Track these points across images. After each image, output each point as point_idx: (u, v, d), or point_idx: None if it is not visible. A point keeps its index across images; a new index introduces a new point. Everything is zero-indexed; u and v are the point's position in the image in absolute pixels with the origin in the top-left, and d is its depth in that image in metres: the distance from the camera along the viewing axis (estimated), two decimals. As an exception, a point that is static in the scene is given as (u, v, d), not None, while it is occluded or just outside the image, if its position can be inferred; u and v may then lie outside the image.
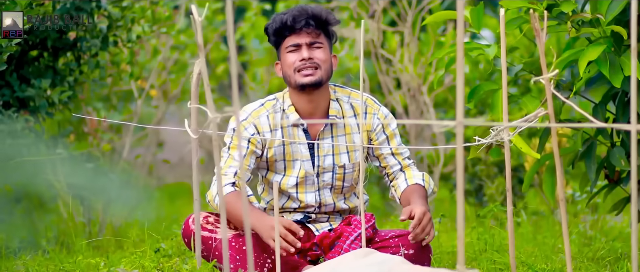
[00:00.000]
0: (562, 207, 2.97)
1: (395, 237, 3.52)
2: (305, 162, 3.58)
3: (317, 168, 3.59)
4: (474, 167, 5.77)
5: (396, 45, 5.72)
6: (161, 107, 6.42)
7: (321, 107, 3.60)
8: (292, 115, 3.57)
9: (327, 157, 3.60)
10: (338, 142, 3.59)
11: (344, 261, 3.12)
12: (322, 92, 3.58)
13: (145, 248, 3.79)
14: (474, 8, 3.59)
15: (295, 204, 3.62)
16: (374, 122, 3.62)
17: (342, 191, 3.65)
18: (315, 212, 3.64)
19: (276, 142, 3.57)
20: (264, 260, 3.45)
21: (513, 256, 3.23)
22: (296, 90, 3.56)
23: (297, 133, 3.59)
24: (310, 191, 3.61)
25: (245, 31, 6.58)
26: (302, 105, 3.58)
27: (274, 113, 3.60)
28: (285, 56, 3.54)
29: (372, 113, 3.63)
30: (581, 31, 3.55)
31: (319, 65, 3.51)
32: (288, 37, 3.53)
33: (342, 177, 3.62)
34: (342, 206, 3.66)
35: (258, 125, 3.58)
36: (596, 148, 3.76)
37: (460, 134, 2.38)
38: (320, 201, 3.62)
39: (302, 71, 3.51)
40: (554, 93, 2.89)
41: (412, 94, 5.57)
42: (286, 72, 3.55)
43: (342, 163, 3.60)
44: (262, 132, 3.57)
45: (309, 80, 3.50)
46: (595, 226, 4.74)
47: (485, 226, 4.36)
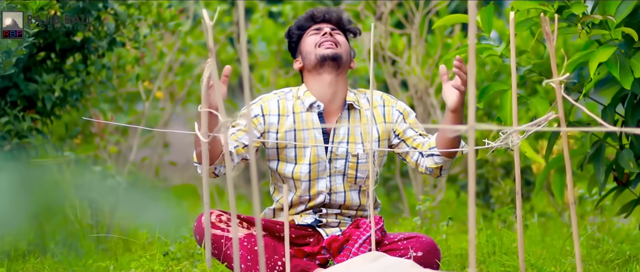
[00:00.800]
0: (572, 210, 2.96)
1: (404, 239, 3.51)
2: (318, 147, 3.57)
3: (330, 154, 3.58)
4: (481, 168, 5.76)
5: (403, 47, 5.71)
6: (167, 109, 6.43)
7: (339, 95, 3.61)
8: (307, 98, 3.58)
9: (342, 145, 3.58)
10: (354, 132, 3.59)
11: (354, 264, 3.12)
12: (341, 76, 3.61)
13: (154, 251, 3.78)
14: (484, 10, 3.59)
15: (306, 196, 3.58)
16: (394, 114, 3.64)
17: (356, 182, 3.63)
18: (325, 202, 3.59)
19: (286, 127, 3.56)
20: (274, 262, 3.44)
21: (522, 258, 3.23)
22: (316, 68, 3.59)
23: (311, 118, 3.58)
24: (323, 177, 3.59)
25: (252, 33, 6.57)
26: (321, 90, 3.59)
27: (286, 100, 3.61)
28: (307, 39, 3.64)
29: (391, 106, 3.66)
30: (591, 33, 3.54)
31: (340, 44, 3.61)
32: (310, 27, 3.66)
33: (355, 167, 3.60)
34: (354, 198, 3.63)
35: (265, 108, 3.59)
36: (605, 150, 3.75)
37: (472, 138, 2.38)
38: (331, 187, 3.60)
39: (323, 45, 3.59)
40: (564, 96, 2.88)
41: (419, 96, 5.57)
42: (306, 50, 3.61)
43: (356, 152, 3.60)
44: (268, 115, 3.57)
45: (330, 52, 3.56)
46: (602, 228, 4.73)
47: (494, 227, 4.36)
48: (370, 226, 3.49)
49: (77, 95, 4.47)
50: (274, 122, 3.57)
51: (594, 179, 3.90)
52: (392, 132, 3.63)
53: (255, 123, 3.56)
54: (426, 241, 3.50)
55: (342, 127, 3.59)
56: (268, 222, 3.56)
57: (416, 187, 5.54)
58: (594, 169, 3.77)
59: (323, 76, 3.58)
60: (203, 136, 3.25)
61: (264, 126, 3.56)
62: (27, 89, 4.32)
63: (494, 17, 6.06)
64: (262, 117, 3.57)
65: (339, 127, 3.58)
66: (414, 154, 3.59)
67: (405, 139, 3.61)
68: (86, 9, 4.42)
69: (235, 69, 6.88)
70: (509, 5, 3.78)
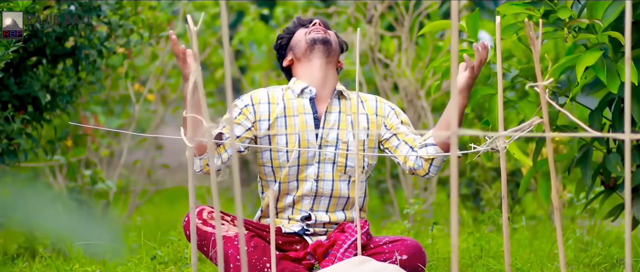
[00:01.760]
0: (557, 215, 2.96)
1: (389, 242, 3.51)
2: (308, 132, 3.58)
3: (320, 140, 3.59)
4: (471, 171, 5.77)
5: (394, 50, 5.72)
6: (159, 112, 6.43)
7: (330, 82, 3.65)
8: (298, 85, 3.63)
9: (332, 131, 3.59)
10: (345, 119, 3.60)
11: (340, 268, 3.12)
12: (330, 65, 3.66)
13: (141, 255, 3.78)
14: (470, 16, 3.59)
15: (294, 182, 3.57)
16: (386, 108, 3.68)
17: (345, 171, 3.62)
18: (313, 193, 3.59)
19: (277, 112, 3.57)
20: (263, 264, 3.43)
21: (508, 263, 3.24)
22: (307, 55, 3.65)
23: (302, 103, 3.60)
24: (311, 163, 3.58)
25: (243, 36, 6.58)
26: (312, 75, 3.63)
27: (275, 91, 3.66)
28: (296, 34, 3.70)
29: (383, 102, 3.71)
30: (578, 37, 3.55)
31: (330, 34, 3.68)
32: (300, 29, 3.72)
33: (345, 155, 3.61)
34: (343, 189, 3.62)
35: (255, 98, 3.62)
36: (592, 154, 3.76)
37: (455, 144, 2.38)
38: (319, 173, 3.60)
39: (312, 32, 3.67)
40: (549, 101, 2.89)
41: (409, 98, 5.57)
42: (297, 40, 3.68)
43: (346, 139, 3.60)
44: (258, 103, 3.59)
45: (320, 36, 3.64)
46: (592, 231, 4.74)
47: (482, 231, 4.36)
48: (355, 230, 3.49)
49: (68, 98, 4.47)
50: (265, 110, 3.59)
51: (581, 182, 3.91)
52: (383, 126, 3.64)
53: (246, 113, 3.57)
54: (411, 244, 3.50)
55: (332, 114, 3.60)
56: (255, 227, 3.57)
57: (407, 190, 5.55)
58: (581, 173, 3.78)
59: (313, 62, 3.63)
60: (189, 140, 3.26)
61: (255, 115, 3.58)
62: (19, 89, 4.31)
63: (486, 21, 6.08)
64: (252, 107, 3.59)
65: (329, 113, 3.59)
66: (403, 148, 3.60)
67: (398, 133, 3.62)
68: (79, 15, 4.42)
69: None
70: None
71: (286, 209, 3.62)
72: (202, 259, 3.93)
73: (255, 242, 3.45)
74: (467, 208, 5.77)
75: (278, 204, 3.63)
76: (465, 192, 5.76)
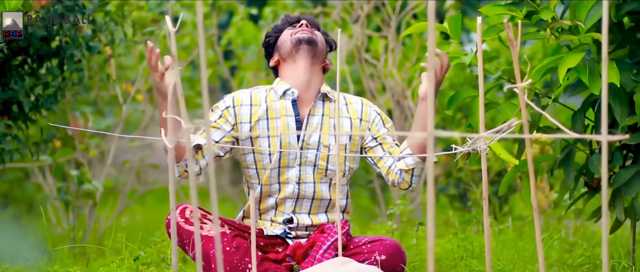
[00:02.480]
0: (536, 216, 2.96)
1: (368, 243, 3.51)
2: (290, 134, 3.57)
3: (302, 143, 3.57)
4: (459, 172, 5.77)
5: (381, 50, 5.72)
6: (148, 112, 6.42)
7: (314, 85, 3.62)
8: (281, 86, 3.61)
9: (314, 133, 3.58)
10: (328, 122, 3.59)
11: (320, 269, 3.12)
12: (315, 66, 3.64)
13: (123, 256, 3.79)
14: (452, 18, 3.59)
15: (275, 184, 3.57)
16: (371, 113, 3.66)
17: (326, 174, 3.61)
18: (294, 195, 3.59)
19: (259, 114, 3.56)
20: (245, 264, 3.43)
21: (489, 264, 3.24)
22: (292, 55, 3.63)
23: (284, 105, 3.59)
24: (293, 165, 3.57)
25: (232, 36, 6.57)
26: (296, 77, 3.61)
27: (258, 92, 3.63)
28: (283, 34, 3.68)
29: (369, 106, 3.68)
30: (561, 38, 3.55)
31: (316, 35, 3.66)
32: (287, 28, 3.70)
33: (326, 158, 3.60)
34: (324, 191, 3.61)
35: (237, 99, 3.60)
36: (575, 155, 3.76)
37: (431, 145, 2.38)
38: (301, 176, 3.58)
39: (299, 31, 3.65)
40: (528, 102, 2.89)
41: (396, 99, 5.57)
42: (283, 41, 3.66)
43: (327, 143, 3.59)
44: (240, 105, 3.58)
45: (306, 36, 3.62)
46: (578, 231, 4.74)
47: (467, 232, 4.36)
48: (335, 230, 3.48)
49: (52, 99, 4.46)
50: (246, 112, 3.58)
51: (565, 183, 3.91)
52: (367, 130, 3.62)
53: (226, 116, 3.56)
54: (390, 245, 3.49)
55: (315, 117, 3.59)
56: (240, 226, 3.56)
57: (393, 191, 5.55)
58: (564, 174, 3.78)
59: (298, 63, 3.61)
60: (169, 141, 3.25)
61: (235, 118, 3.57)
62: (3, 92, 4.31)
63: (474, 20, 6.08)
64: (232, 109, 3.58)
65: (312, 116, 3.58)
66: (387, 161, 3.59)
67: (383, 143, 3.60)
68: (63, 14, 4.41)
69: (216, 71, 6.88)
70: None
71: (269, 211, 3.61)
72: (186, 260, 3.93)
73: (238, 243, 3.45)
74: (454, 208, 5.77)
75: (260, 205, 3.62)
76: (452, 192, 5.77)
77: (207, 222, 3.50)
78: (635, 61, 3.64)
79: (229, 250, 3.42)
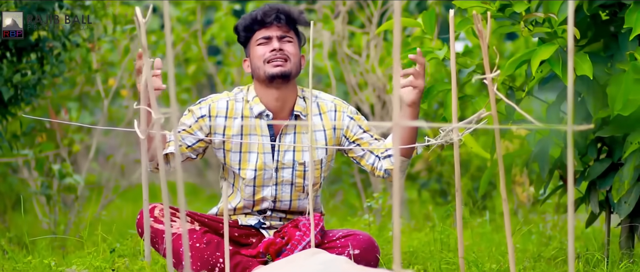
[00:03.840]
0: (505, 207, 2.98)
1: (342, 237, 3.51)
2: (266, 154, 3.56)
3: (276, 163, 3.57)
4: (442, 166, 5.79)
5: (364, 45, 5.74)
6: (131, 107, 6.43)
7: (288, 104, 3.57)
8: (257, 106, 3.54)
9: (288, 153, 3.56)
10: (301, 140, 3.57)
11: (292, 260, 3.14)
12: (289, 88, 3.55)
13: (100, 248, 3.80)
14: (426, 13, 3.61)
15: (250, 201, 3.58)
16: (345, 119, 3.59)
17: (304, 190, 3.61)
18: (270, 208, 3.60)
19: (234, 130, 3.55)
20: (216, 259, 3.44)
21: (461, 255, 3.26)
22: (265, 83, 3.52)
23: (260, 124, 3.55)
24: (268, 185, 3.58)
25: (215, 32, 6.58)
26: (269, 101, 3.54)
27: (235, 102, 3.57)
28: (255, 49, 3.52)
29: (342, 111, 3.61)
30: (534, 31, 3.56)
31: (289, 57, 3.50)
32: (258, 31, 3.53)
33: (302, 175, 3.59)
34: (300, 205, 3.63)
35: (213, 109, 3.54)
36: (550, 149, 3.77)
37: (397, 135, 2.39)
38: (276, 195, 3.59)
39: (272, 62, 3.49)
40: (497, 93, 2.90)
41: (377, 94, 5.59)
42: (255, 64, 3.52)
43: (302, 160, 3.58)
44: (216, 116, 3.55)
45: (279, 71, 3.48)
46: (556, 225, 4.76)
47: (446, 225, 4.38)
48: (309, 227, 3.48)
49: (32, 91, 4.46)
50: (221, 123, 3.54)
51: (540, 177, 3.93)
52: (342, 138, 3.61)
53: (201, 123, 3.54)
54: (363, 239, 3.50)
55: (287, 135, 3.57)
56: (211, 220, 3.57)
57: (375, 185, 5.56)
58: (538, 168, 3.80)
59: (271, 91, 3.53)
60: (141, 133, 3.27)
61: (210, 128, 3.54)
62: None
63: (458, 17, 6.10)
64: (208, 119, 3.54)
65: (285, 135, 3.56)
66: (369, 158, 3.58)
67: (360, 143, 3.58)
68: (41, 7, 4.41)
69: (201, 67, 6.89)
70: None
71: (244, 209, 3.63)
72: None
73: (208, 238, 3.46)
74: (436, 203, 5.79)
75: (237, 204, 3.63)
76: (434, 187, 5.78)
77: (175, 220, 3.51)
78: (609, 54, 3.66)
79: (198, 246, 3.43)
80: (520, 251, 4.13)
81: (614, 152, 3.75)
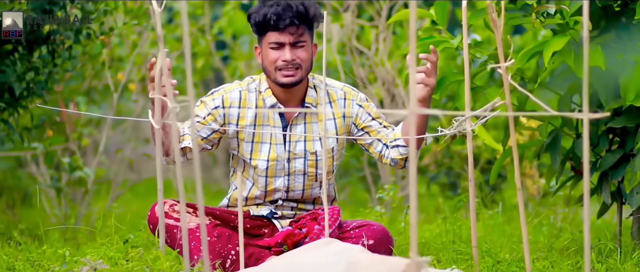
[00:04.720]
0: (519, 195, 2.99)
1: (356, 228, 3.53)
2: (278, 145, 3.57)
3: (288, 153, 3.59)
4: (451, 160, 5.79)
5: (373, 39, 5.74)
6: (140, 102, 6.45)
7: (298, 95, 3.58)
8: (269, 98, 3.55)
9: (299, 143, 3.57)
10: (311, 129, 3.58)
11: (306, 249, 3.15)
12: (300, 85, 3.58)
13: (113, 239, 3.81)
14: (438, 4, 3.61)
15: (262, 191, 3.60)
16: (355, 108, 3.59)
17: (317, 179, 3.62)
18: (282, 198, 3.62)
19: (247, 120, 3.56)
20: (228, 251, 3.46)
21: (475, 244, 3.27)
22: (274, 83, 3.55)
23: (272, 116, 3.56)
24: (280, 175, 3.59)
25: (223, 26, 6.59)
26: (279, 95, 3.56)
27: (248, 92, 3.58)
28: (267, 51, 3.49)
29: (351, 99, 3.61)
30: (546, 23, 3.57)
31: (301, 65, 3.49)
32: (270, 32, 3.48)
33: (314, 164, 3.60)
34: (313, 193, 3.64)
35: (226, 99, 3.56)
36: (561, 139, 3.78)
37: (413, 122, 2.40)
38: (289, 185, 3.61)
39: (283, 71, 3.47)
40: (512, 83, 2.91)
41: (387, 87, 5.60)
42: (267, 66, 3.51)
43: (314, 150, 3.59)
44: (229, 107, 3.56)
45: (289, 81, 3.49)
46: (567, 217, 4.77)
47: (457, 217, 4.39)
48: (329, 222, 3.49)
49: (43, 84, 4.48)
50: (235, 114, 3.56)
51: (552, 168, 3.93)
52: (352, 126, 3.62)
53: (215, 115, 3.56)
54: (378, 229, 3.52)
55: (298, 125, 3.58)
56: (223, 212, 3.58)
57: (384, 178, 5.57)
58: (550, 159, 3.80)
59: (281, 87, 3.56)
60: (156, 122, 3.28)
61: (224, 118, 3.56)
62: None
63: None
64: (222, 109, 3.56)
65: (295, 126, 3.58)
66: (377, 146, 3.59)
67: (369, 130, 3.59)
68: (52, 1, 4.42)
69: (208, 61, 6.90)
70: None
71: (256, 199, 3.64)
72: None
73: (219, 232, 3.48)
74: (445, 197, 5.80)
75: (250, 194, 3.64)
76: (443, 180, 5.79)
77: (186, 214, 3.52)
78: (620, 45, 3.66)
79: (209, 240, 3.45)
80: (532, 243, 4.13)
81: (626, 142, 3.76)
